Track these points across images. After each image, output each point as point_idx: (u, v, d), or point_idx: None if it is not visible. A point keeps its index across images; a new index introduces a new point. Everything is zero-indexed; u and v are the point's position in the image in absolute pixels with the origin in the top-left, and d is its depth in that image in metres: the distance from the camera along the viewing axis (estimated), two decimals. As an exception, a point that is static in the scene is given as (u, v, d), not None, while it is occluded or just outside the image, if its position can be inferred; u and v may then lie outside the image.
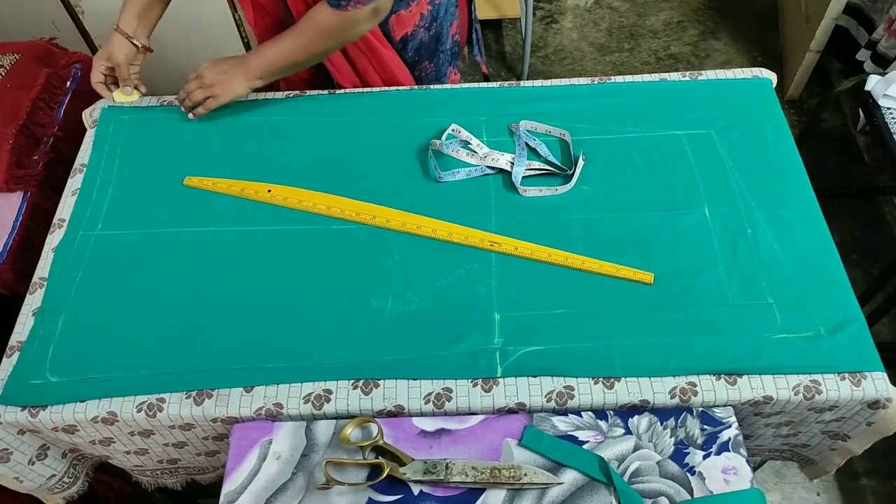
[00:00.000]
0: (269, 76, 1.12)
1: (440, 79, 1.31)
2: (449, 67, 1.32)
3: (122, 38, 1.15)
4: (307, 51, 1.08)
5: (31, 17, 1.86)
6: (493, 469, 0.81)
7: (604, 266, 0.97)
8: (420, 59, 1.25)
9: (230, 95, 1.13)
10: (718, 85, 1.18)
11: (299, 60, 1.10)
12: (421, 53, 1.24)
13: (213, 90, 1.13)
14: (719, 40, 2.45)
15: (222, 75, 1.12)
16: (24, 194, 1.17)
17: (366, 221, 1.04)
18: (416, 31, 1.19)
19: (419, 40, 1.21)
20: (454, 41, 1.29)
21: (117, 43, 1.15)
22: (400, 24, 1.16)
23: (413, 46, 1.21)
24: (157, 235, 1.05)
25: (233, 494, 0.82)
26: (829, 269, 0.96)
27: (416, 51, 1.22)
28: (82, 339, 0.95)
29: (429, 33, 1.21)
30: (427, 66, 1.27)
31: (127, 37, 1.15)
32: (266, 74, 1.11)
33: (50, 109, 1.27)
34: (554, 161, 1.10)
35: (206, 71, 1.13)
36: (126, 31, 1.14)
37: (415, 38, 1.20)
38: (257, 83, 1.12)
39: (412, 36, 1.19)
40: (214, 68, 1.13)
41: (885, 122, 1.46)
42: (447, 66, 1.31)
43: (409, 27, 1.17)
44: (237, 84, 1.12)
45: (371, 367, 0.90)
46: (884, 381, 0.87)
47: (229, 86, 1.12)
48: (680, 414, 0.86)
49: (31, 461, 0.95)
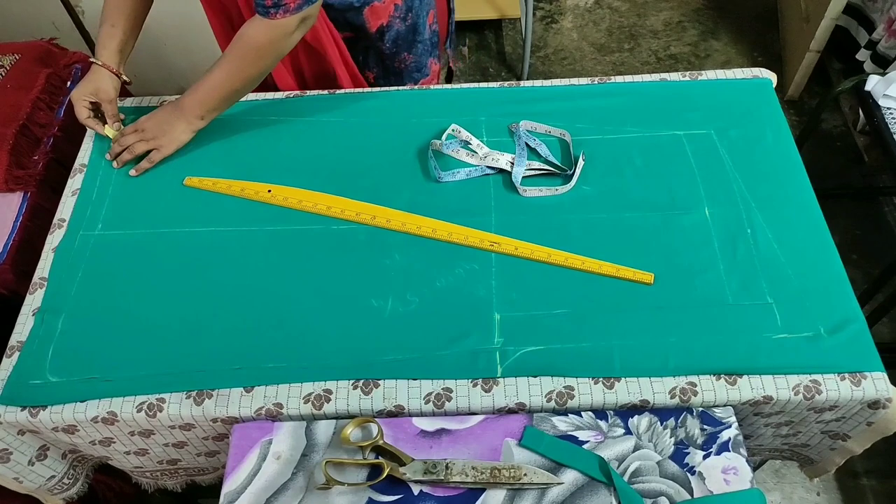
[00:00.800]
0: (209, 113, 1.09)
1: (420, 69, 1.31)
2: (429, 58, 1.31)
3: (108, 74, 1.11)
4: (242, 74, 1.04)
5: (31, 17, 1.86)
6: (493, 469, 0.81)
7: (604, 266, 0.97)
8: (399, 51, 1.24)
9: (175, 144, 1.11)
10: (718, 85, 1.18)
11: (237, 87, 1.06)
12: (399, 44, 1.23)
13: (156, 142, 1.10)
14: (719, 40, 2.45)
15: (162, 125, 1.10)
16: (24, 194, 1.17)
17: (366, 221, 1.04)
18: (391, 22, 1.18)
19: (396, 31, 1.20)
20: (432, 31, 1.28)
21: (104, 79, 1.11)
22: (374, 15, 1.15)
23: (390, 37, 1.21)
24: (157, 235, 1.05)
25: (233, 494, 0.82)
26: (829, 269, 0.96)
27: (394, 42, 1.22)
28: (82, 339, 0.95)
29: (405, 23, 1.21)
30: (406, 56, 1.26)
31: (115, 72, 1.12)
32: (205, 113, 1.08)
33: (50, 109, 1.27)
34: (554, 161, 1.10)
35: (145, 123, 1.11)
36: (112, 67, 1.11)
37: (391, 28, 1.19)
38: (199, 124, 1.10)
39: (388, 27, 1.19)
40: (153, 119, 1.11)
41: (885, 122, 1.46)
42: (427, 57, 1.30)
43: (384, 18, 1.17)
44: (179, 130, 1.10)
45: (371, 367, 0.90)
46: (884, 381, 0.87)
47: (172, 135, 1.10)
48: (680, 414, 0.86)
49: (30, 462, 0.95)
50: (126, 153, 1.11)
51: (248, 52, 1.02)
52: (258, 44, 1.01)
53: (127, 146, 1.11)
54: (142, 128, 1.11)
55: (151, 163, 1.11)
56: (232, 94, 1.08)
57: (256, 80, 1.07)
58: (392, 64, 1.26)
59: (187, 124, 1.09)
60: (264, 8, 0.96)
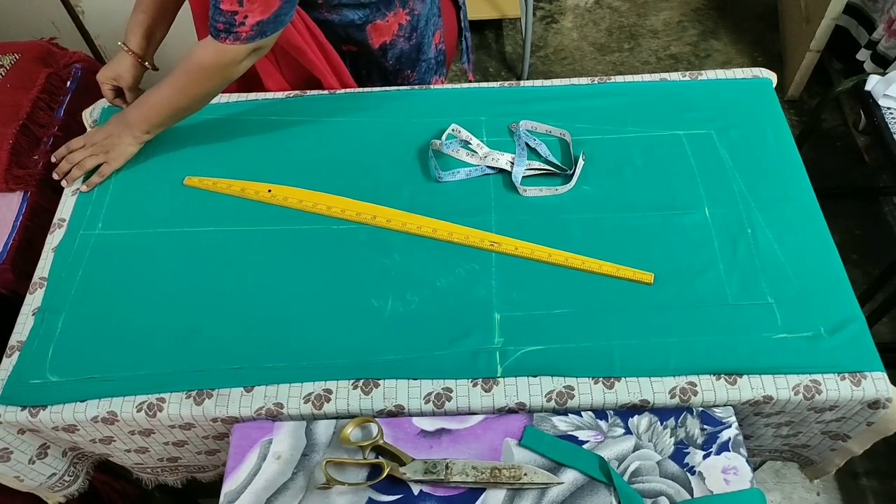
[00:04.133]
0: (155, 127, 1.09)
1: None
2: (434, 76, 1.31)
3: (131, 59, 1.12)
4: (187, 93, 1.04)
5: (31, 17, 1.86)
6: (493, 469, 0.81)
7: (604, 266, 0.97)
8: (402, 68, 1.24)
9: (123, 158, 1.10)
10: (718, 85, 1.18)
11: (182, 105, 1.06)
12: (402, 62, 1.23)
13: (105, 156, 1.09)
14: (719, 40, 2.45)
15: (109, 138, 1.09)
16: (24, 194, 1.17)
17: (366, 221, 1.04)
18: (395, 41, 1.18)
19: (399, 49, 1.20)
20: (438, 50, 1.28)
21: (126, 65, 1.12)
22: (377, 32, 1.15)
23: (393, 55, 1.21)
24: (157, 235, 1.05)
25: (233, 494, 0.82)
26: (829, 269, 0.96)
27: (397, 59, 1.22)
28: (82, 339, 0.95)
29: (409, 42, 1.20)
30: (409, 74, 1.26)
31: (138, 58, 1.12)
32: (150, 127, 1.08)
33: (50, 109, 1.27)
34: (554, 161, 1.10)
35: (94, 138, 1.10)
36: (137, 52, 1.12)
37: (394, 46, 1.19)
38: (145, 137, 1.09)
39: (391, 45, 1.18)
40: (98, 133, 1.10)
41: (885, 122, 1.46)
42: (431, 75, 1.30)
43: (387, 36, 1.17)
44: (125, 143, 1.09)
45: (371, 367, 0.90)
46: (884, 381, 0.87)
47: (119, 148, 1.09)
48: (680, 414, 0.86)
49: (31, 460, 0.95)
50: (76, 169, 1.10)
51: (195, 72, 1.01)
52: (205, 65, 1.00)
53: (76, 162, 1.10)
54: (91, 142, 1.10)
55: (102, 177, 1.10)
56: (178, 111, 1.07)
57: (203, 99, 1.07)
58: (395, 80, 1.26)
59: (133, 138, 1.09)
60: (216, 30, 0.95)
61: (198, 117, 1.17)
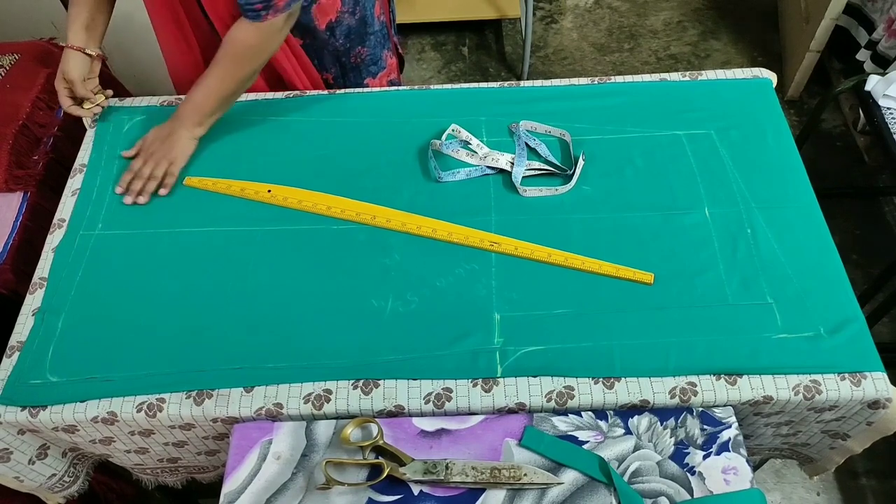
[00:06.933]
0: (208, 119, 1.09)
1: (376, 62, 1.30)
2: (383, 50, 1.31)
3: (74, 53, 1.12)
4: (237, 77, 1.05)
5: (31, 17, 1.86)
6: (493, 469, 0.81)
7: (604, 266, 0.97)
8: (352, 45, 1.24)
9: (184, 157, 1.10)
10: (718, 85, 1.18)
11: (231, 90, 1.07)
12: (352, 39, 1.23)
13: (167, 159, 1.09)
14: (719, 40, 2.45)
15: (166, 142, 1.09)
16: (24, 194, 1.17)
17: (366, 221, 1.04)
18: (340, 17, 1.18)
19: (346, 26, 1.20)
20: (381, 22, 1.28)
21: (71, 60, 1.12)
22: (322, 12, 1.15)
23: (342, 33, 1.21)
24: (157, 235, 1.05)
25: (233, 494, 0.82)
26: (829, 269, 0.96)
27: (346, 37, 1.22)
28: (82, 339, 0.95)
29: (354, 17, 1.20)
30: (361, 50, 1.26)
31: (79, 49, 1.12)
32: (203, 119, 1.08)
33: (50, 109, 1.27)
34: (554, 161, 1.10)
35: (150, 146, 1.10)
36: (76, 45, 1.11)
37: (341, 24, 1.19)
38: (200, 131, 1.10)
39: (338, 22, 1.19)
40: (156, 140, 1.10)
41: (885, 122, 1.46)
42: (381, 49, 1.30)
43: (331, 14, 1.17)
44: (183, 141, 1.09)
45: (371, 367, 0.90)
46: (884, 381, 0.87)
47: (178, 148, 1.09)
48: (680, 414, 0.86)
49: (31, 461, 0.95)
50: (151, 182, 1.09)
51: (240, 55, 1.03)
52: (250, 45, 1.02)
53: (145, 176, 1.09)
54: (149, 151, 1.10)
55: (174, 177, 1.10)
56: (228, 97, 1.09)
57: (249, 80, 1.08)
58: (348, 60, 1.26)
59: (189, 133, 1.09)
60: (255, 12, 0.97)
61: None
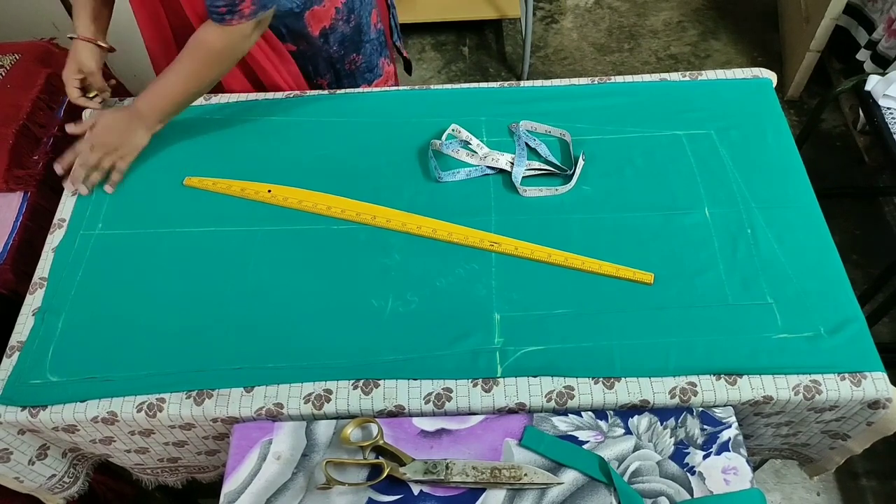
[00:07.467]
0: (168, 116, 1.08)
1: (372, 69, 1.30)
2: (380, 58, 1.30)
3: (86, 45, 1.11)
4: (200, 77, 1.04)
5: (31, 17, 1.86)
6: (493, 469, 0.81)
7: (604, 266, 0.97)
8: (346, 53, 1.24)
9: (136, 151, 1.08)
10: (718, 85, 1.18)
11: (194, 90, 1.06)
12: (346, 46, 1.23)
13: (118, 152, 1.07)
14: (719, 40, 2.45)
15: (121, 134, 1.07)
16: (24, 194, 1.17)
17: (366, 221, 1.04)
18: (334, 25, 1.18)
19: (340, 33, 1.20)
20: (378, 30, 1.28)
21: (84, 51, 1.11)
22: (315, 19, 1.15)
23: (335, 40, 1.21)
24: (157, 235, 1.05)
25: (233, 494, 0.82)
26: (829, 269, 0.96)
27: (340, 44, 1.22)
28: (82, 339, 0.95)
29: (349, 25, 1.20)
30: (355, 57, 1.26)
31: (91, 41, 1.11)
32: (164, 115, 1.07)
33: (50, 109, 1.27)
34: (554, 161, 1.10)
35: (101, 137, 1.06)
36: (88, 36, 1.11)
37: (335, 31, 1.19)
38: (158, 127, 1.08)
39: (331, 29, 1.18)
40: (107, 131, 1.07)
41: (885, 122, 1.46)
42: (377, 57, 1.30)
43: (325, 21, 1.17)
44: (137, 136, 1.07)
45: (371, 367, 0.90)
46: (884, 381, 0.87)
47: (133, 142, 1.07)
48: (680, 414, 0.86)
49: (31, 461, 0.95)
50: (96, 174, 1.08)
51: (205, 57, 1.02)
52: (216, 48, 1.00)
53: (90, 165, 1.07)
54: (99, 139, 1.07)
55: (121, 173, 1.09)
56: (190, 96, 1.07)
57: (215, 81, 1.07)
58: (343, 67, 1.26)
59: (146, 129, 1.07)
60: (219, 15, 0.96)
61: (198, 117, 1.17)
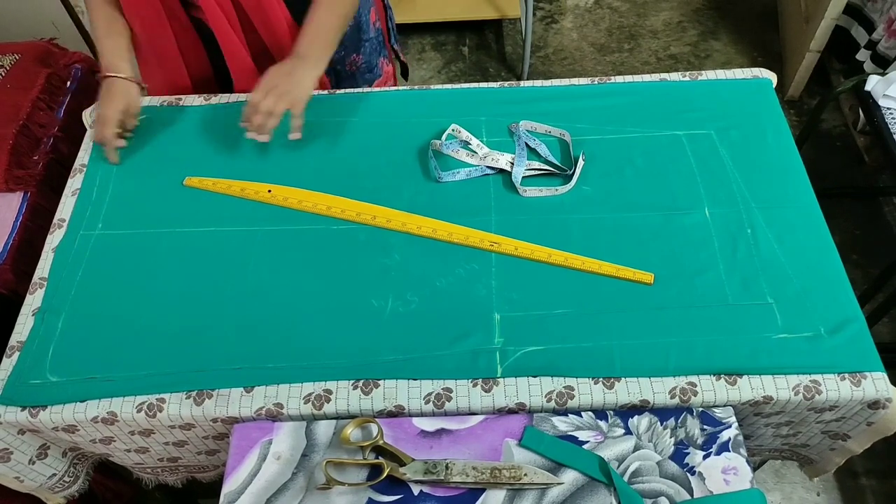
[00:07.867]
0: (327, 54, 1.08)
1: (372, 69, 1.30)
2: (379, 58, 1.30)
3: (133, 86, 1.10)
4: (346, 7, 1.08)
5: (31, 17, 1.86)
6: (493, 469, 0.81)
7: (604, 266, 0.97)
8: (346, 53, 1.24)
9: (307, 94, 1.06)
10: (718, 85, 1.18)
11: (343, 23, 1.09)
12: (346, 46, 1.22)
13: (290, 96, 1.04)
14: (719, 40, 2.45)
15: (290, 77, 1.05)
16: (24, 194, 1.18)
17: (366, 221, 1.04)
18: None
19: None
20: (376, 29, 1.27)
21: (132, 93, 1.10)
22: None
23: None
24: (157, 235, 1.05)
25: (233, 495, 0.82)
26: (829, 269, 0.96)
27: (341, 44, 1.20)
28: (82, 339, 0.95)
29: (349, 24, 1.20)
30: (356, 57, 1.25)
31: (136, 83, 1.11)
32: (323, 53, 1.07)
33: (50, 109, 1.27)
34: (554, 161, 1.10)
35: (271, 80, 1.04)
36: (134, 77, 1.10)
37: None
38: (321, 67, 1.07)
39: None
40: (278, 77, 1.05)
41: (885, 122, 1.46)
42: (377, 56, 1.29)
43: None
44: (308, 78, 1.06)
45: (371, 367, 0.90)
46: (884, 381, 0.87)
47: (303, 85, 1.06)
48: (680, 414, 0.86)
49: (31, 461, 0.95)
50: (273, 119, 1.04)
51: None
52: None
53: (264, 110, 1.03)
54: (271, 84, 1.04)
55: (299, 119, 1.07)
56: (340, 32, 1.10)
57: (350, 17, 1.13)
58: (343, 68, 1.25)
59: (312, 70, 1.07)
60: None
61: (198, 117, 1.17)
